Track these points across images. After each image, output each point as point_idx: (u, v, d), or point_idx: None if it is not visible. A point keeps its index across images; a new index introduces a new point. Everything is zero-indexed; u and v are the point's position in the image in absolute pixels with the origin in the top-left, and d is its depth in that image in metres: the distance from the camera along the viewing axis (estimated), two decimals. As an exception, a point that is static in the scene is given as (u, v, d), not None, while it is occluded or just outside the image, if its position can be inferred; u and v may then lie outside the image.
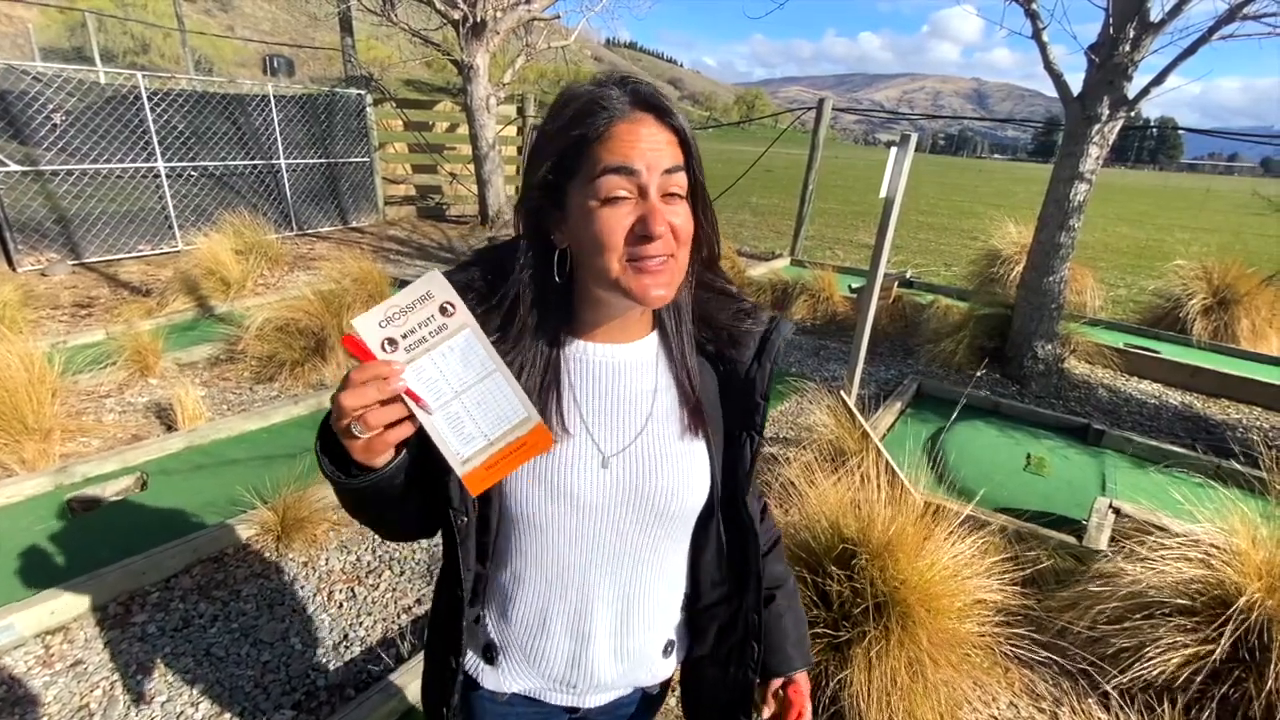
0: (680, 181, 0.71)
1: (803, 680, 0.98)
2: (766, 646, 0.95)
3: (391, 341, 0.63)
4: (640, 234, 0.68)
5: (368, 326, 0.62)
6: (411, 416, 0.64)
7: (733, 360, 0.85)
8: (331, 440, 0.67)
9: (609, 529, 0.80)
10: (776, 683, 0.97)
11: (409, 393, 0.63)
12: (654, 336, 0.84)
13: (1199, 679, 1.94)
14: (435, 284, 0.64)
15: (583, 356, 0.80)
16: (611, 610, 0.84)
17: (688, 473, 0.82)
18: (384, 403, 0.62)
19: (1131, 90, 4.16)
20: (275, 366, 4.07)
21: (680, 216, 0.71)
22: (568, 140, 0.70)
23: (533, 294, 0.76)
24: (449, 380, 0.65)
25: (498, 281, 0.76)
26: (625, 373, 0.81)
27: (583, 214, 0.70)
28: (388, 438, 0.64)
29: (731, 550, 0.89)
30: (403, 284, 0.86)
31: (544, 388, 0.77)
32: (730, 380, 0.85)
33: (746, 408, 0.84)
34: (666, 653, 0.92)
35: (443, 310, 0.64)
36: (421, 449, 0.69)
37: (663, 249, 0.70)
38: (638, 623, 0.87)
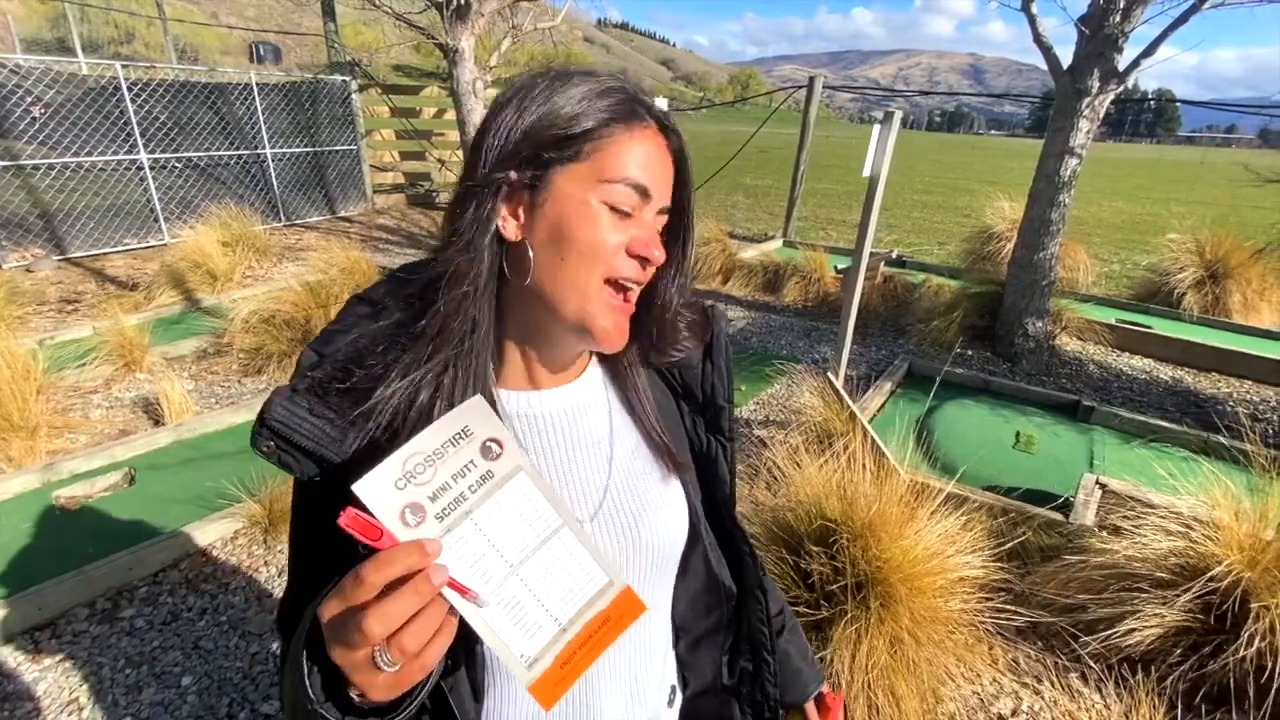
0: (666, 220, 0.65)
1: (832, 700, 0.93)
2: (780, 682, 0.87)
3: (416, 509, 0.45)
4: (638, 254, 0.60)
5: (378, 491, 0.44)
6: (452, 611, 0.45)
7: (681, 366, 0.77)
8: (321, 663, 0.46)
9: None
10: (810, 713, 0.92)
11: (452, 583, 0.45)
12: (595, 365, 0.73)
13: (1179, 650, 1.96)
14: (476, 416, 0.48)
15: (526, 410, 0.66)
16: (620, 693, 0.72)
17: (669, 508, 0.72)
18: (418, 615, 0.43)
19: (1122, 62, 4.11)
20: (263, 359, 4.05)
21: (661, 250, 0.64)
22: (590, 113, 0.57)
23: (479, 309, 0.60)
24: (502, 551, 0.48)
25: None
26: (578, 419, 0.69)
27: (576, 207, 0.58)
28: (426, 658, 0.44)
29: (731, 565, 0.81)
30: (391, 275, 0.68)
31: None
32: (688, 389, 0.78)
33: (710, 415, 0.77)
34: (670, 701, 0.81)
35: (485, 451, 0.48)
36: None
37: (645, 278, 0.62)
38: (648, 690, 0.75)
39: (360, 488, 0.44)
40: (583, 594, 0.50)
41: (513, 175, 0.59)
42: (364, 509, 0.44)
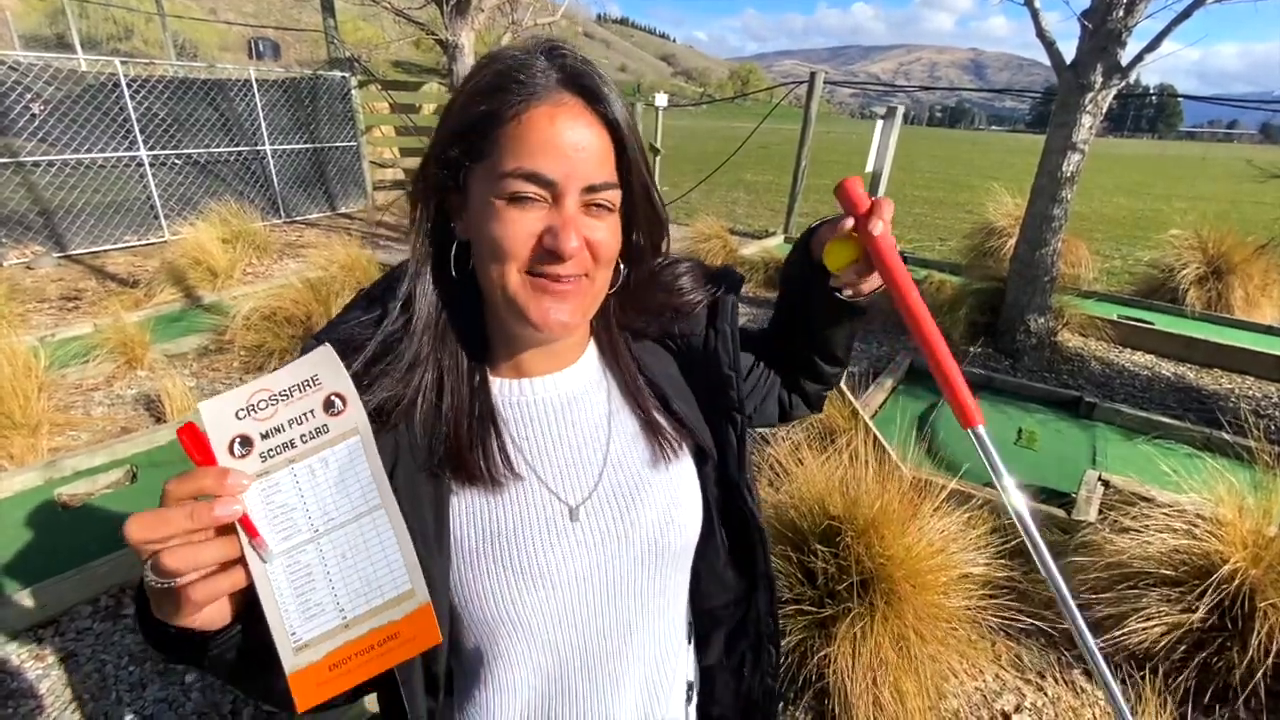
0: (609, 197, 0.59)
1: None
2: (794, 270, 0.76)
3: (246, 441, 0.44)
4: (548, 248, 0.56)
5: (219, 415, 0.44)
6: (244, 561, 0.44)
7: (685, 335, 0.74)
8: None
9: (605, 593, 0.65)
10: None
11: (245, 522, 0.43)
12: (593, 348, 0.72)
13: (1183, 647, 1.96)
14: (325, 366, 0.46)
15: (517, 399, 0.66)
16: (634, 684, 0.70)
17: (674, 494, 0.69)
18: (205, 536, 0.43)
19: (1125, 57, 4.09)
20: (264, 356, 4.05)
21: (603, 232, 0.59)
22: (474, 114, 0.57)
23: (432, 300, 0.62)
24: (310, 511, 0.45)
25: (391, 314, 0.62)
26: (573, 405, 0.68)
27: (483, 207, 0.58)
28: (195, 594, 0.42)
29: (736, 550, 0.76)
30: (394, 269, 0.72)
31: (474, 425, 0.62)
32: (690, 358, 0.74)
33: (717, 385, 0.73)
34: (689, 698, 0.79)
35: (328, 405, 0.46)
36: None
37: (574, 269, 0.58)
38: (662, 684, 0.73)
39: (204, 406, 0.44)
40: (378, 593, 0.46)
41: (443, 179, 0.61)
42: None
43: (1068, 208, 4.45)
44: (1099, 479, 2.81)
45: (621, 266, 0.66)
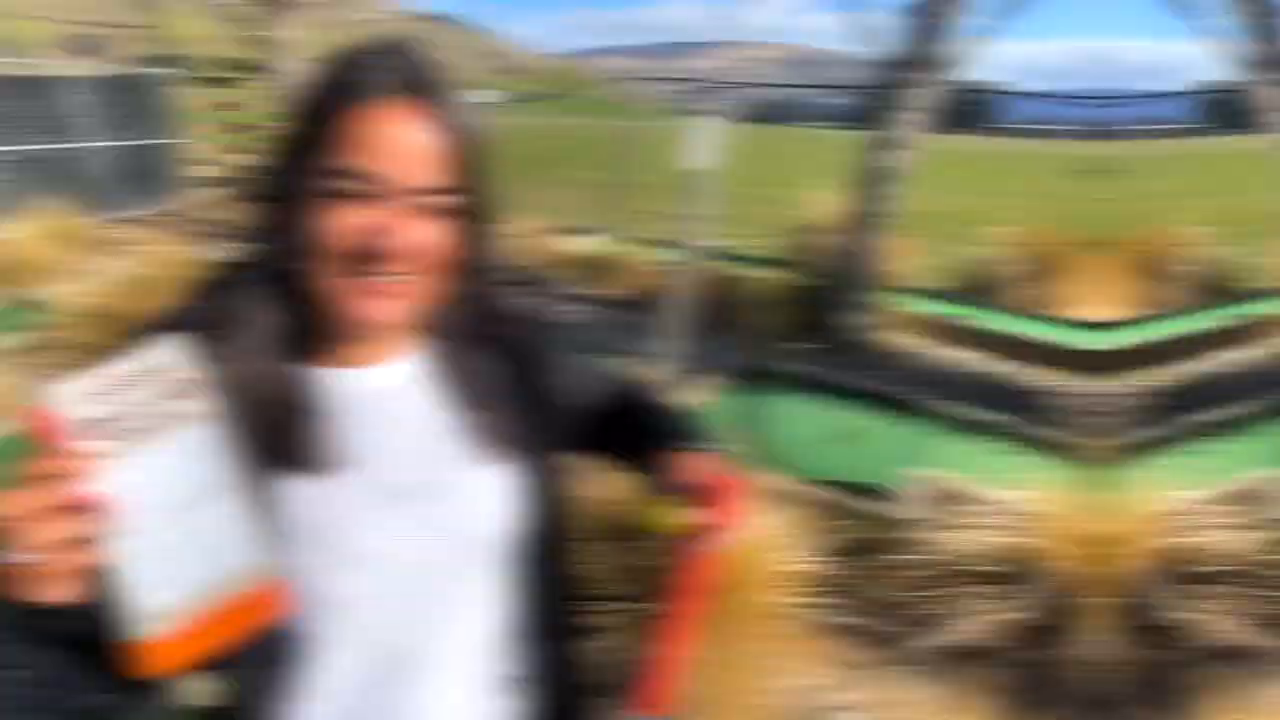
0: (439, 200, 0.59)
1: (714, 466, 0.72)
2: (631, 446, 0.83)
3: (96, 424, 0.45)
4: (369, 247, 0.56)
5: (70, 399, 0.45)
6: (95, 538, 0.45)
7: (516, 344, 0.75)
8: None
9: (418, 582, 0.67)
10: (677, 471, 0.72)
11: (95, 501, 0.45)
12: (419, 344, 0.72)
13: (1008, 644, 1.99)
14: (170, 353, 0.47)
15: (338, 389, 0.66)
16: (447, 674, 0.71)
17: (491, 493, 0.70)
18: (58, 513, 0.44)
19: (952, 52, 4.16)
20: (92, 354, 3.64)
21: (430, 234, 0.59)
22: (309, 109, 0.58)
23: (260, 291, 0.62)
24: (156, 492, 0.47)
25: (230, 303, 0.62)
26: (394, 398, 0.69)
27: (311, 201, 0.57)
28: (46, 571, 0.44)
29: (547, 553, 0.75)
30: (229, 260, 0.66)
31: (295, 413, 0.63)
32: (520, 367, 0.75)
33: (541, 397, 0.74)
34: (506, 693, 0.77)
35: (180, 389, 0.48)
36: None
37: (395, 269, 0.58)
38: (475, 676, 0.73)
39: (54, 390, 0.45)
40: (224, 568, 0.49)
41: (278, 170, 0.62)
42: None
43: (891, 204, 4.47)
44: (922, 477, 2.78)
45: (460, 267, 0.66)
